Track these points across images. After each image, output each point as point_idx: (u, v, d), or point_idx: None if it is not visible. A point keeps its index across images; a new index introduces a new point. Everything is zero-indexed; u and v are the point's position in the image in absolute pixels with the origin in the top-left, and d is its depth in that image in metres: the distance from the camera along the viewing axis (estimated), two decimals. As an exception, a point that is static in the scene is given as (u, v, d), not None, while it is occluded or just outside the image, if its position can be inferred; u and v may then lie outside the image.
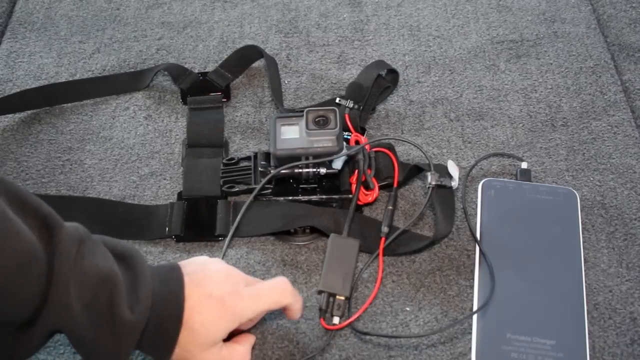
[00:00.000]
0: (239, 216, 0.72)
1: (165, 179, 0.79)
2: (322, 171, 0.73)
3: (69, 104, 0.86)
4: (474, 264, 0.70)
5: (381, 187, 0.75)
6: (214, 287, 0.58)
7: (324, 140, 0.72)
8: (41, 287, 0.50)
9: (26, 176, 0.79)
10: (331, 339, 0.66)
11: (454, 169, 0.74)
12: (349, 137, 0.77)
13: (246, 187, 0.75)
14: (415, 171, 0.76)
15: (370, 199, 0.74)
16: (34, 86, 0.87)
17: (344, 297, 0.67)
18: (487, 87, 0.86)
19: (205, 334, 0.57)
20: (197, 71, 0.88)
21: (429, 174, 0.72)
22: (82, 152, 0.81)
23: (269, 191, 0.74)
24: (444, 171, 0.73)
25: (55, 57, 0.91)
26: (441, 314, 0.68)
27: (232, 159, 0.78)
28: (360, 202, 0.74)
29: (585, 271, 0.69)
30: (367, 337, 0.66)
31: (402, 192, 0.76)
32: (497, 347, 0.64)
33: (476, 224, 0.73)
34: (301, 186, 0.74)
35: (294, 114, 0.75)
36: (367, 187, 0.74)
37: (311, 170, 0.72)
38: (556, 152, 0.80)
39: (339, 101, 0.81)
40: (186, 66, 0.88)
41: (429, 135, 0.82)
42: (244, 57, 0.88)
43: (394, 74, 0.86)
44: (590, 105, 0.84)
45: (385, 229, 0.71)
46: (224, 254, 0.71)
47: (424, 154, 0.72)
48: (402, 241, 0.71)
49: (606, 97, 0.85)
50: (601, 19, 0.94)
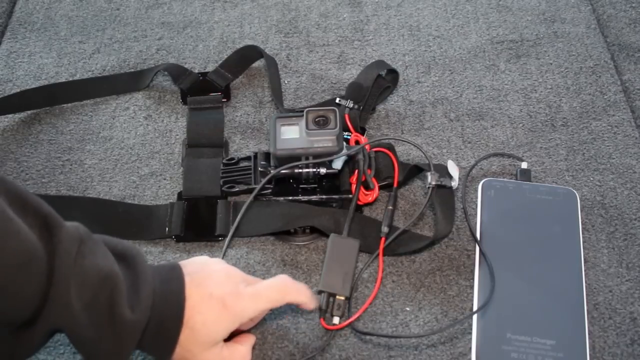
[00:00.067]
0: (239, 216, 0.72)
1: (165, 179, 0.79)
2: (322, 171, 0.73)
3: (69, 104, 0.86)
4: (474, 264, 0.70)
5: (381, 187, 0.75)
6: (214, 287, 0.58)
7: (324, 140, 0.72)
8: (41, 286, 0.50)
9: (26, 176, 0.79)
10: (331, 339, 0.66)
11: (454, 169, 0.73)
12: (349, 137, 0.77)
13: (246, 187, 0.75)
14: (415, 171, 0.76)
15: (370, 199, 0.74)
16: (34, 86, 0.87)
17: (344, 297, 0.67)
18: (487, 87, 0.86)
19: (206, 333, 0.57)
20: (197, 71, 0.88)
21: (429, 174, 0.72)
22: (82, 152, 0.81)
23: (269, 191, 0.74)
24: (444, 171, 0.73)
25: (55, 57, 0.91)
26: (441, 314, 0.68)
27: (232, 159, 0.78)
28: (360, 202, 0.74)
29: (585, 271, 0.69)
30: (367, 337, 0.66)
31: (402, 192, 0.76)
32: (497, 347, 0.64)
33: (476, 224, 0.73)
34: (301, 186, 0.74)
35: (294, 114, 0.75)
36: (367, 187, 0.74)
37: (311, 170, 0.72)
38: (556, 152, 0.80)
39: (339, 101, 0.81)
40: (186, 66, 0.88)
41: (429, 135, 0.82)
42: (244, 57, 0.88)
43: (394, 74, 0.86)
44: (590, 105, 0.84)
45: (385, 229, 0.71)
46: (224, 254, 0.71)
47: (424, 154, 0.72)
48: (402, 241, 0.71)
49: (606, 97, 0.85)
50: (601, 19, 0.94)
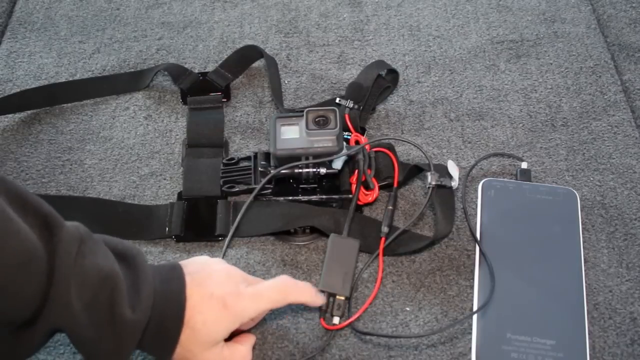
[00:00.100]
0: (239, 216, 0.72)
1: (165, 179, 0.79)
2: (322, 171, 0.73)
3: (69, 104, 0.86)
4: (474, 264, 0.70)
5: (381, 187, 0.75)
6: (215, 286, 0.58)
7: (324, 140, 0.72)
8: (42, 286, 0.50)
9: (26, 176, 0.79)
10: (331, 339, 0.66)
11: (454, 169, 0.73)
12: (349, 137, 0.77)
13: (246, 187, 0.75)
14: (415, 171, 0.76)
15: (370, 199, 0.74)
16: (34, 86, 0.87)
17: (344, 297, 0.67)
18: (487, 87, 0.86)
19: (206, 333, 0.57)
20: (197, 71, 0.88)
21: (429, 174, 0.72)
22: (82, 152, 0.81)
23: (269, 191, 0.74)
24: (444, 171, 0.73)
25: (55, 57, 0.91)
26: (441, 314, 0.68)
27: (232, 159, 0.78)
28: (360, 202, 0.74)
29: (585, 271, 0.69)
30: (367, 337, 0.66)
31: (402, 192, 0.76)
32: (497, 347, 0.64)
33: (476, 224, 0.73)
34: (301, 186, 0.74)
35: (294, 114, 0.75)
36: (367, 187, 0.74)
37: (311, 170, 0.72)
38: (556, 152, 0.80)
39: (339, 101, 0.81)
40: (186, 66, 0.88)
41: (429, 135, 0.82)
42: (244, 57, 0.88)
43: (394, 74, 0.86)
44: (590, 105, 0.84)
45: (385, 229, 0.71)
46: (224, 254, 0.71)
47: (424, 154, 0.72)
48: (402, 241, 0.71)
49: (606, 97, 0.85)
50: (601, 19, 0.94)
